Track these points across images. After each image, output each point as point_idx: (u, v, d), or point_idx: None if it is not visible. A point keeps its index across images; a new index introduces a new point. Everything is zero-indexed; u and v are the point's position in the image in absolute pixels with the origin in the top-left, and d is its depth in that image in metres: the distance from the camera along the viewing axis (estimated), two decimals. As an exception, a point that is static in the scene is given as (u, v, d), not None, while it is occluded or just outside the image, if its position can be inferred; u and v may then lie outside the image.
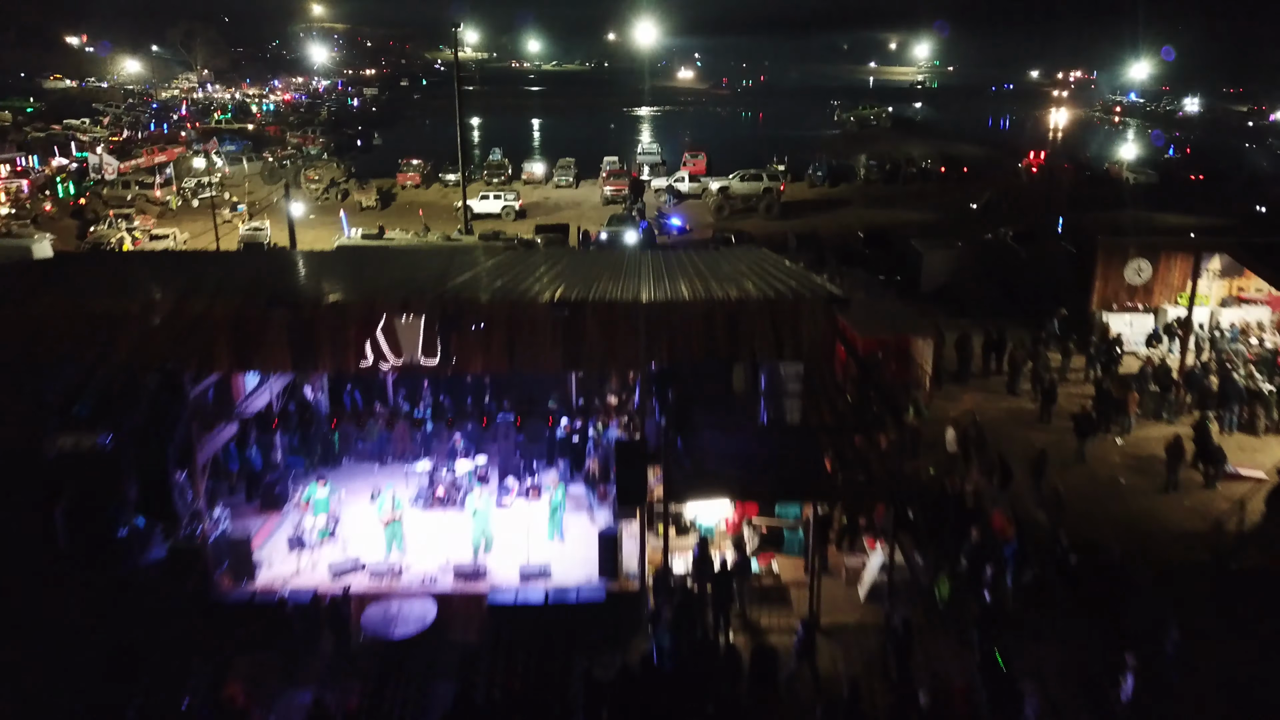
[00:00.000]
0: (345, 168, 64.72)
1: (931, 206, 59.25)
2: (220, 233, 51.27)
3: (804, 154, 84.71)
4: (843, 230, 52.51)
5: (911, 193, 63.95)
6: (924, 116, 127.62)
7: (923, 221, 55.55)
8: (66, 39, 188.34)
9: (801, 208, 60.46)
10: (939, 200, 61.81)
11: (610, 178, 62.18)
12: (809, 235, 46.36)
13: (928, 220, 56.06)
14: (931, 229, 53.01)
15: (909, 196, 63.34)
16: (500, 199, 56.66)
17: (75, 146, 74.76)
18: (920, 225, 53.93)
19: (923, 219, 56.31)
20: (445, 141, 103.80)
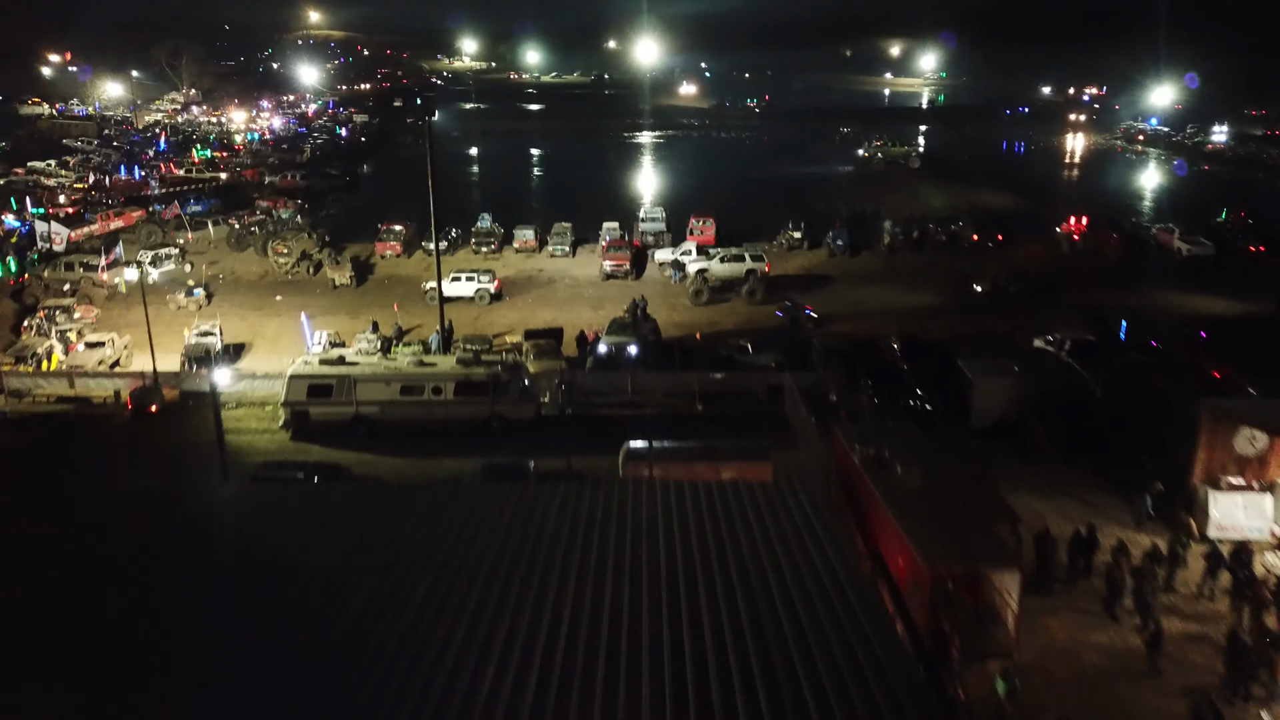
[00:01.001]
0: (319, 237, 58.84)
1: (958, 278, 53.46)
2: (168, 329, 45.60)
3: (821, 202, 79.33)
4: (872, 325, 46.68)
5: (939, 264, 58.01)
6: (941, 144, 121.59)
7: (939, 305, 49.98)
8: (49, 57, 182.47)
9: (806, 285, 54.69)
10: (966, 269, 56.07)
11: (610, 250, 56.31)
12: (838, 347, 40.47)
13: (945, 302, 50.45)
14: (969, 313, 47.44)
15: (935, 267, 57.45)
16: (474, 280, 50.94)
17: (32, 200, 68.87)
18: (940, 310, 48.44)
19: (939, 302, 50.65)
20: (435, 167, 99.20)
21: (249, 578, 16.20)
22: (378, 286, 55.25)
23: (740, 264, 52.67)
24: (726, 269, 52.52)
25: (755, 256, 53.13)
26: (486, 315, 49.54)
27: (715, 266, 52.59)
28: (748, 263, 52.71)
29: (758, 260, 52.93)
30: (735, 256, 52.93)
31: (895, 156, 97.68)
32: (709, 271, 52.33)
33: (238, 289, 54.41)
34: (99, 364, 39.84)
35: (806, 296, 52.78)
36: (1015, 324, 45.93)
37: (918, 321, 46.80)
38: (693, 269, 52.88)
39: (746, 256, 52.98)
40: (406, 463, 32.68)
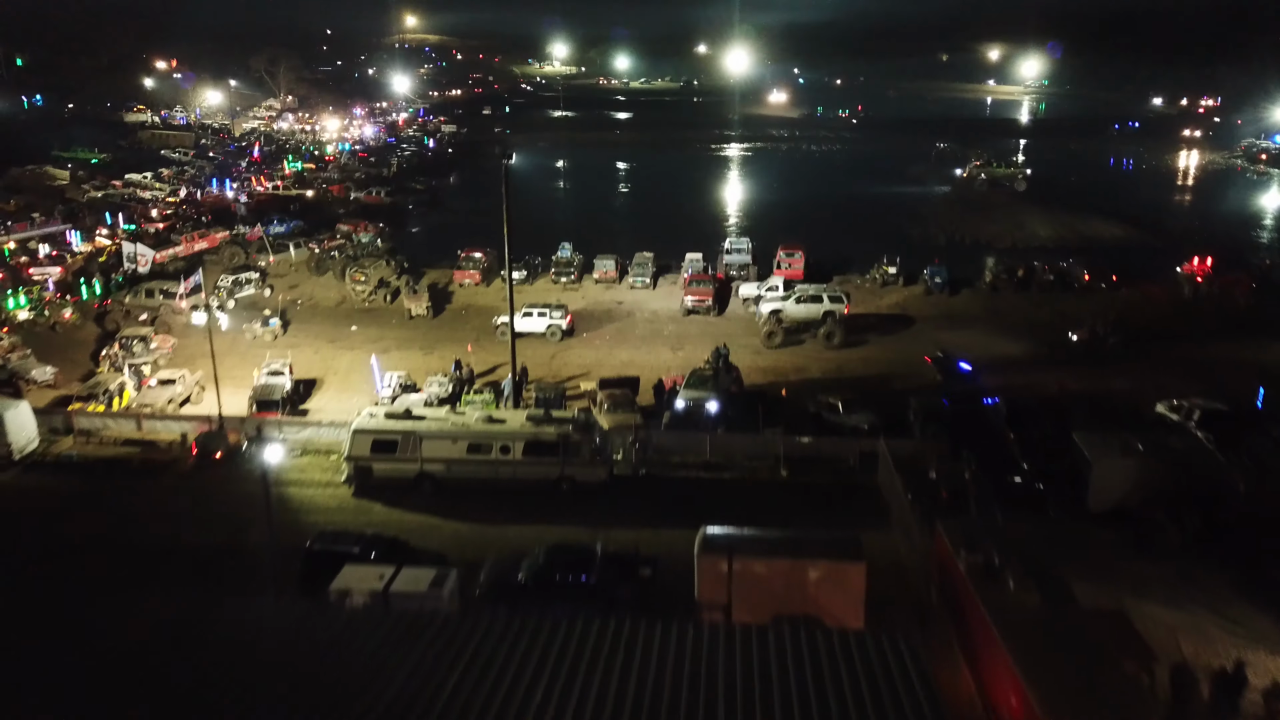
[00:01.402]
0: (397, 264, 57.91)
1: (1067, 324, 49.31)
2: (242, 361, 44.97)
3: (916, 227, 75.59)
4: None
5: (1045, 306, 53.95)
6: (1044, 161, 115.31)
7: (1036, 355, 46.16)
8: (156, 64, 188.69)
9: (893, 325, 51.45)
10: (1076, 313, 51.99)
11: (692, 284, 53.87)
12: (934, 409, 37.26)
13: (1042, 352, 46.60)
14: (1068, 365, 43.58)
15: (1040, 310, 53.44)
16: (545, 316, 49.11)
17: (125, 216, 69.88)
18: (1037, 362, 44.66)
19: (1036, 352, 46.74)
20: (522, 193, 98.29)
21: None
22: (454, 317, 53.92)
23: (817, 305, 49.55)
24: (802, 310, 49.51)
25: (834, 297, 49.91)
26: (561, 354, 47.62)
27: (790, 308, 49.63)
28: (825, 304, 49.56)
29: (836, 301, 49.70)
30: (812, 297, 49.79)
31: (1000, 178, 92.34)
32: (783, 313, 49.44)
33: (314, 316, 53.68)
34: (169, 402, 39.17)
35: (892, 337, 49.69)
36: (1131, 384, 42.05)
37: (1018, 374, 43.29)
38: (765, 309, 50.03)
39: (824, 297, 49.80)
40: (470, 528, 30.90)
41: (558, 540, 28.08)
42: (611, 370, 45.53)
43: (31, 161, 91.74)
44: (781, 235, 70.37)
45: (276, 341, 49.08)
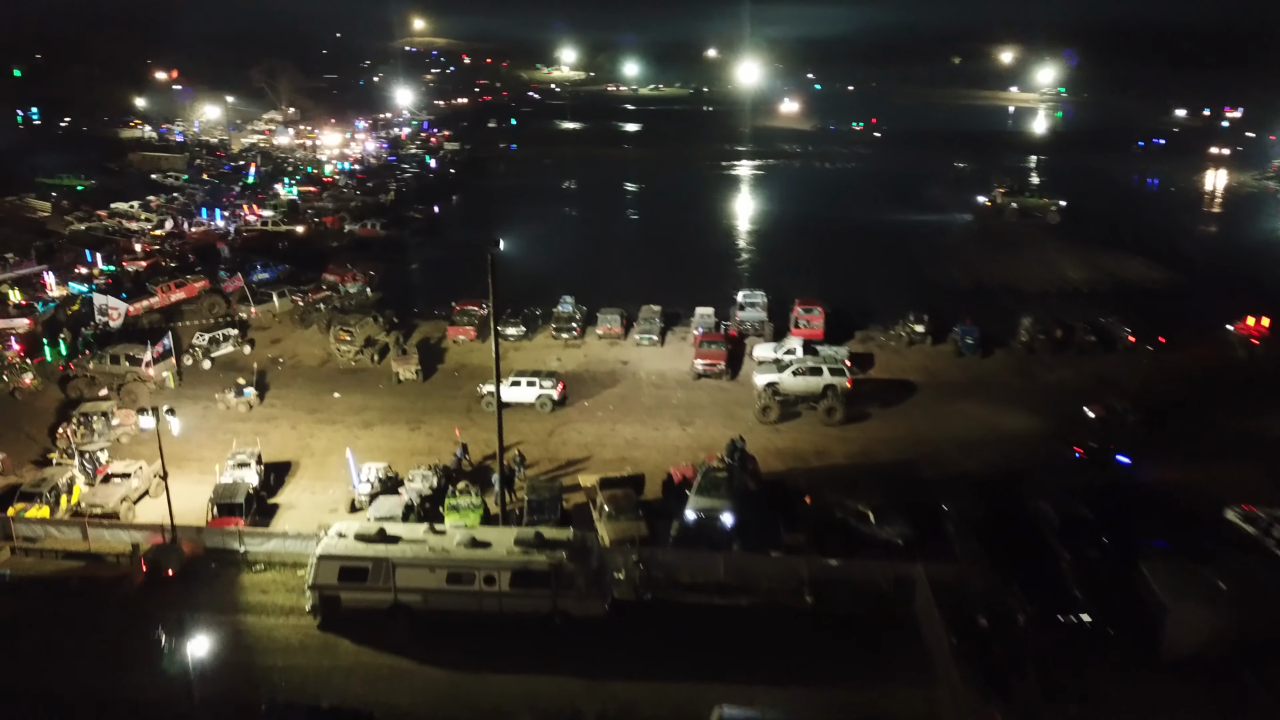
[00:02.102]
0: (386, 319, 53.94)
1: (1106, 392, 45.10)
2: (211, 438, 41.14)
3: (936, 266, 71.43)
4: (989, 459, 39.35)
5: (1086, 373, 49.73)
6: (1064, 178, 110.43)
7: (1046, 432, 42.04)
8: (156, 75, 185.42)
9: (895, 394, 47.31)
10: (1120, 379, 47.88)
11: (703, 344, 49.78)
12: (964, 511, 33.23)
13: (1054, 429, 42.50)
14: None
15: (1082, 377, 49.24)
16: (535, 385, 45.22)
17: (104, 255, 66.11)
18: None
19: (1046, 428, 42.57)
20: (527, 210, 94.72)
21: None
22: (446, 380, 49.92)
23: (817, 378, 45.30)
24: (801, 383, 45.27)
25: (835, 369, 45.49)
26: (560, 430, 43.59)
27: (787, 380, 45.38)
28: (826, 376, 45.23)
29: (838, 374, 45.32)
30: (811, 369, 45.44)
31: (1031, 209, 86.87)
32: (780, 386, 45.31)
33: (295, 378, 49.78)
34: (122, 501, 35.25)
35: (921, 409, 45.55)
36: (1188, 475, 37.93)
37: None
38: (760, 382, 45.86)
39: (824, 369, 45.40)
40: (447, 678, 26.99)
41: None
42: (614, 451, 41.61)
43: (15, 188, 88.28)
44: (796, 276, 66.81)
45: (252, 412, 45.26)
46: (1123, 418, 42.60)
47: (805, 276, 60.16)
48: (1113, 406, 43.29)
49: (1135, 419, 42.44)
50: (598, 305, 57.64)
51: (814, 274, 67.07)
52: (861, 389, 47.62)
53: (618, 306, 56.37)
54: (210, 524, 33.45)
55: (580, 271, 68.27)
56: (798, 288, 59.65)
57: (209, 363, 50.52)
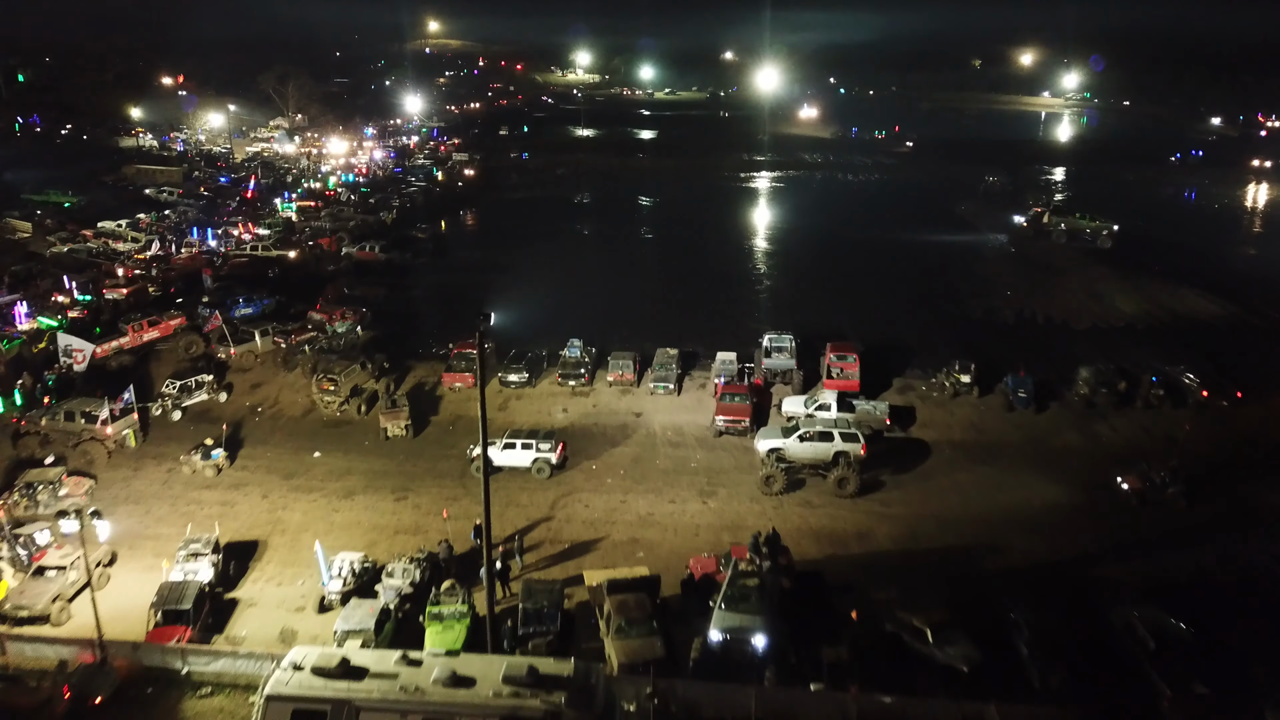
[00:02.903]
0: (376, 364, 49.02)
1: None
2: (173, 510, 36.35)
3: (972, 297, 66.14)
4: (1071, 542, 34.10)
5: (1155, 433, 44.31)
6: (1097, 192, 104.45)
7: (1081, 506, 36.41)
8: (163, 81, 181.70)
9: (973, 459, 41.92)
10: (1199, 442, 42.45)
11: (725, 396, 44.64)
12: (1037, 623, 27.98)
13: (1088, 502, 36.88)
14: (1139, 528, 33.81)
15: (1151, 438, 43.86)
16: (531, 448, 40.28)
17: (79, 285, 61.54)
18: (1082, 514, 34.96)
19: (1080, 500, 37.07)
20: (540, 220, 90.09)
21: None
22: (439, 435, 44.98)
23: (827, 444, 40.17)
24: (808, 450, 40.18)
25: (847, 435, 40.27)
26: (563, 503, 38.53)
27: (793, 447, 40.29)
28: (837, 442, 40.09)
29: (850, 440, 40.11)
30: (821, 434, 40.33)
31: (1080, 231, 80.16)
32: (785, 452, 40.22)
33: (273, 432, 44.98)
34: (55, 601, 30.45)
35: (971, 476, 40.27)
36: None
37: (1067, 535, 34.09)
38: (763, 447, 40.77)
39: (835, 434, 40.35)
40: None
41: None
42: (625, 531, 36.57)
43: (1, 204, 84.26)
44: (822, 309, 62.16)
45: (220, 476, 40.48)
46: (1161, 488, 37.47)
47: (839, 326, 54.74)
48: (1149, 475, 38.12)
49: (1174, 491, 37.27)
50: (607, 340, 53.07)
51: (845, 314, 62.12)
52: (904, 450, 42.61)
53: (630, 350, 51.34)
54: (150, 635, 28.59)
55: (589, 302, 63.79)
56: (825, 322, 54.73)
57: (179, 413, 45.82)
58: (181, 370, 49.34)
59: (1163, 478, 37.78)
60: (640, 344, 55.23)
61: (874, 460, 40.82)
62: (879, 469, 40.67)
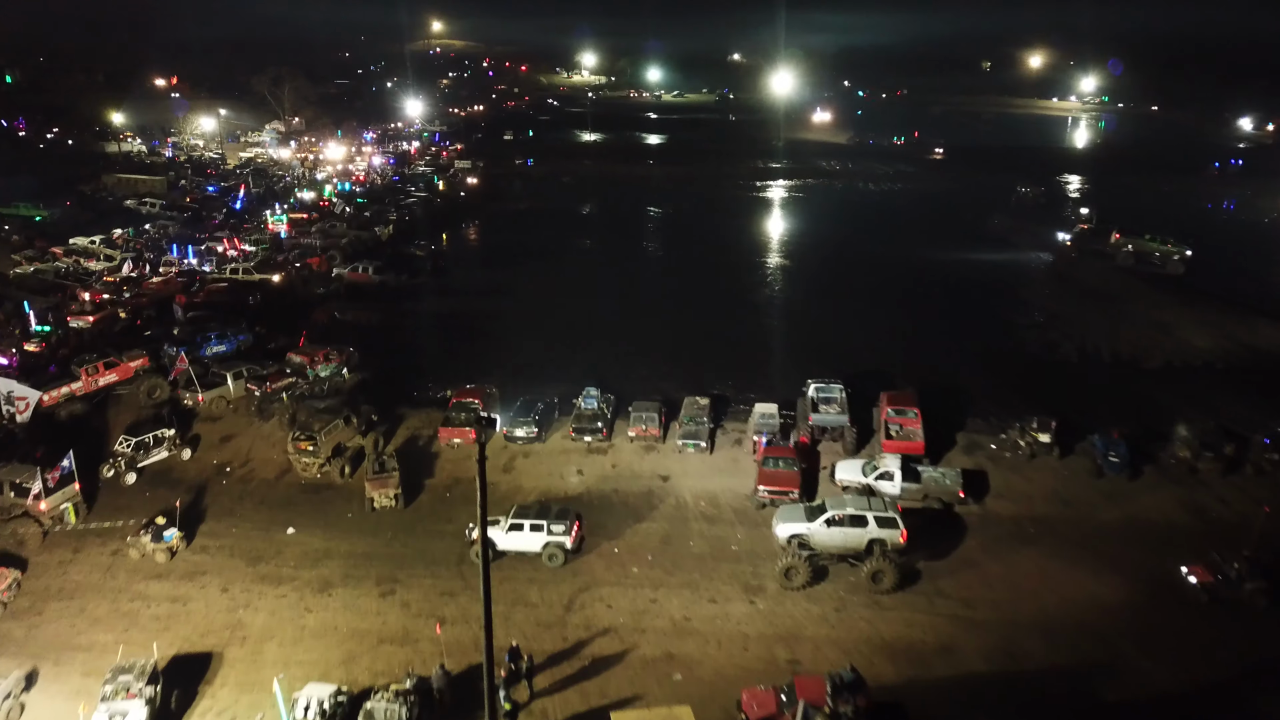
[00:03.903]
0: (362, 417, 42.61)
1: None
2: (113, 608, 30.08)
3: (1029, 327, 59.90)
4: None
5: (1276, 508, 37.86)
6: (1131, 203, 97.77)
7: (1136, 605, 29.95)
8: (155, 82, 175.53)
9: (1060, 540, 35.49)
10: None
11: (769, 460, 38.25)
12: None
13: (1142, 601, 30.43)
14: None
15: (1254, 508, 37.42)
16: (542, 530, 34.02)
17: (38, 314, 55.30)
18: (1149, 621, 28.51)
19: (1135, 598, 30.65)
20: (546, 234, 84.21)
21: None
22: (434, 504, 38.68)
23: (860, 529, 33.80)
24: (838, 537, 33.80)
25: (884, 519, 33.82)
26: (580, 601, 32.21)
27: (819, 533, 33.90)
28: (871, 528, 33.74)
29: (888, 525, 33.69)
30: (853, 518, 33.94)
31: (1148, 254, 72.77)
32: (810, 539, 33.91)
33: (242, 500, 38.70)
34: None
35: (1064, 565, 33.83)
36: None
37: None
38: (783, 533, 34.42)
39: (869, 518, 33.97)
40: None
41: None
42: (656, 642, 30.26)
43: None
44: (854, 340, 56.02)
45: (174, 562, 34.20)
46: (1236, 584, 31.19)
47: (895, 374, 48.25)
48: (1220, 566, 31.89)
49: (1253, 586, 31.01)
50: (621, 378, 47.14)
51: (880, 346, 55.91)
52: (980, 527, 36.26)
53: (653, 398, 45.05)
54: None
55: (599, 332, 57.79)
56: (861, 357, 48.67)
57: (134, 475, 39.55)
58: (140, 422, 43.01)
59: (1240, 569, 31.63)
60: (658, 383, 49.49)
61: (941, 538, 34.53)
62: (949, 550, 34.37)
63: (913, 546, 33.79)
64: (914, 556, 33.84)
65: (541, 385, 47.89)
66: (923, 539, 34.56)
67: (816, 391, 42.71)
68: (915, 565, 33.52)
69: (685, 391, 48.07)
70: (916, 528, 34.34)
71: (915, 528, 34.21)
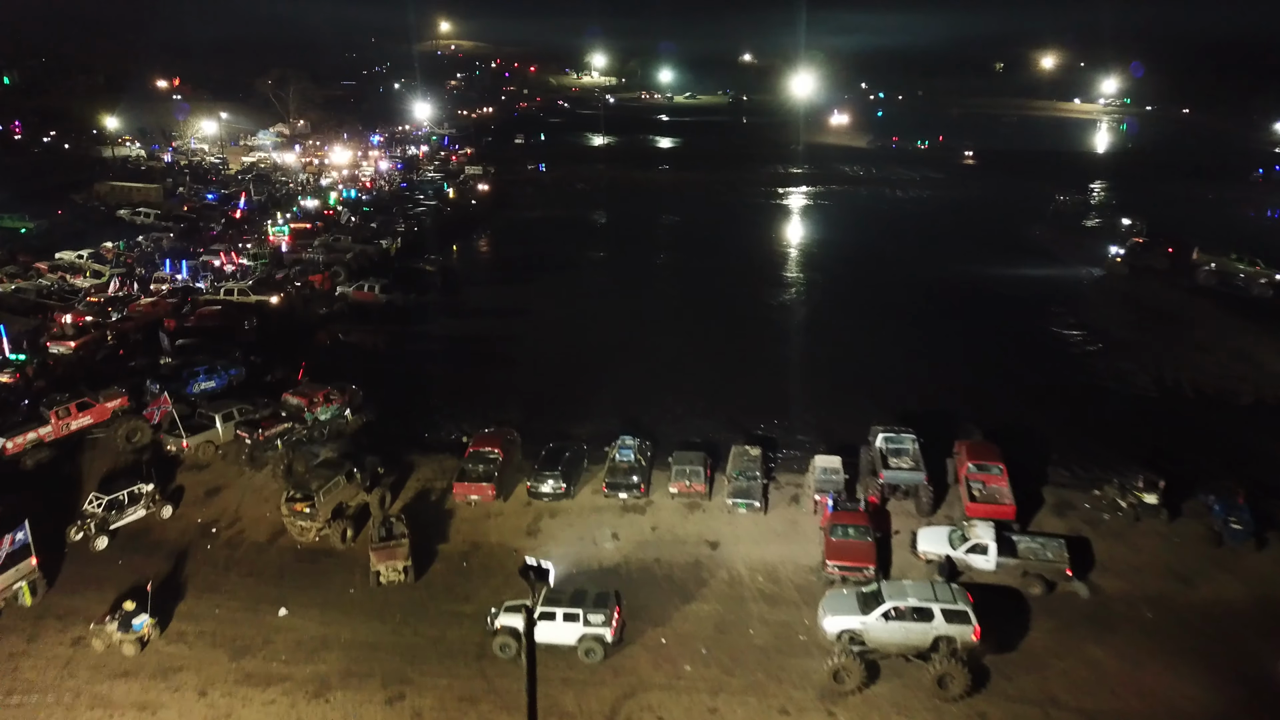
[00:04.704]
0: (368, 469, 37.40)
1: None
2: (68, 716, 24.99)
3: (1094, 353, 54.65)
4: None
5: None
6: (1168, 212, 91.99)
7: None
8: (157, 84, 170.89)
9: (1194, 647, 30.15)
10: None
11: (837, 531, 32.92)
12: None
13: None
14: None
15: None
16: (577, 620, 28.92)
17: (10, 339, 50.33)
18: None
19: None
20: (559, 245, 79.53)
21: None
22: (449, 575, 33.50)
23: (924, 624, 28.35)
24: (898, 633, 28.40)
25: (953, 613, 28.27)
26: (624, 710, 26.98)
27: (875, 628, 28.50)
28: (938, 623, 28.25)
29: (958, 620, 28.16)
30: (917, 610, 28.40)
31: (1231, 275, 66.39)
32: (865, 635, 28.61)
33: (228, 572, 33.61)
34: None
35: (1156, 663, 28.50)
36: None
37: None
38: (831, 627, 28.97)
39: (936, 611, 28.43)
40: None
41: None
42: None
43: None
44: (895, 367, 51.27)
45: (144, 655, 29.10)
46: None
47: (971, 427, 42.92)
48: None
49: None
50: (653, 416, 42.35)
51: (928, 375, 50.80)
52: (1086, 608, 30.99)
53: (695, 444, 39.97)
54: None
55: (622, 359, 52.95)
56: (907, 387, 43.69)
57: (105, 540, 34.51)
58: (114, 474, 38.02)
59: None
60: (693, 420, 44.67)
61: (1029, 621, 29.35)
62: (1044, 640, 29.16)
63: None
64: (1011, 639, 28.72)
65: (564, 422, 43.37)
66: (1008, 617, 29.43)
67: (885, 442, 37.40)
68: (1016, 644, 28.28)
69: (724, 431, 43.40)
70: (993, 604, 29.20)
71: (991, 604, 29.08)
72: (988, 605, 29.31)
